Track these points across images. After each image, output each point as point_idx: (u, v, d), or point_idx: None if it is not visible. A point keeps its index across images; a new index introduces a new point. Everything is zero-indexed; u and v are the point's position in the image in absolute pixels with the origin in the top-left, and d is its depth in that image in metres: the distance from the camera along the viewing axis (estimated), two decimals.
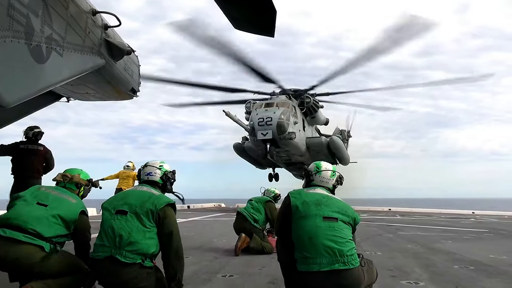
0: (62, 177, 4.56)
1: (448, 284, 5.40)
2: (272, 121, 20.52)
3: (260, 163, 27.58)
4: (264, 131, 20.59)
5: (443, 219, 21.97)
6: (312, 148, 25.01)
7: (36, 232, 3.85)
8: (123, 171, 14.01)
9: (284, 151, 23.05)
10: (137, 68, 8.42)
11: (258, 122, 20.71)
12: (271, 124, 20.52)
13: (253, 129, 20.98)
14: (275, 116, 20.66)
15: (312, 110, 25.25)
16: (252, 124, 21.04)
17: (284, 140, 21.23)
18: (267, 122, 20.52)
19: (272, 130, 20.57)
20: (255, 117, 20.99)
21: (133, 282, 3.70)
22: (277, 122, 20.58)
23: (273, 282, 5.36)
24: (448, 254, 8.31)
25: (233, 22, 5.25)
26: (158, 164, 4.37)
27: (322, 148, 25.43)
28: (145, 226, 3.80)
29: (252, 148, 24.85)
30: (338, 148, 26.01)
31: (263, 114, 20.88)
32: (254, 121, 20.93)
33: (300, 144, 23.32)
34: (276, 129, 20.56)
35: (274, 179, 29.13)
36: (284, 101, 22.28)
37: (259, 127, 20.71)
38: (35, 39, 4.41)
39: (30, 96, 4.64)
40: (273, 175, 29.02)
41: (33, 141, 8.29)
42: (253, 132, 21.03)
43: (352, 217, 3.80)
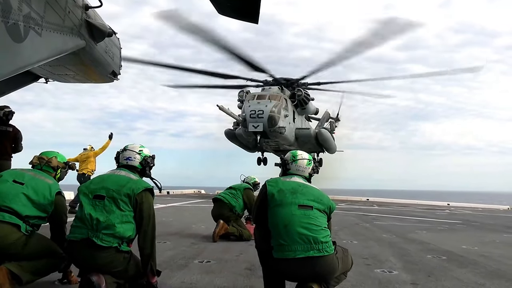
0: (39, 159, 4.48)
1: (421, 273, 5.53)
2: (263, 114, 20.97)
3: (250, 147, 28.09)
4: (255, 124, 21.07)
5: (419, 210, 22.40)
6: (301, 138, 25.63)
7: (12, 210, 3.80)
8: (81, 153, 13.28)
9: (274, 141, 23.49)
10: (118, 51, 8.28)
11: (250, 114, 21.07)
12: (263, 117, 20.96)
13: (245, 121, 21.32)
14: (266, 110, 21.08)
15: (303, 102, 25.70)
16: (244, 116, 21.37)
17: (274, 132, 21.67)
18: (258, 115, 20.96)
19: (263, 123, 21.05)
20: (247, 109, 21.30)
21: (109, 266, 3.69)
22: (268, 115, 21.04)
23: (249, 268, 5.41)
24: (422, 244, 8.50)
25: (217, 7, 5.20)
26: (138, 148, 4.32)
27: (310, 139, 26.13)
28: (122, 210, 3.78)
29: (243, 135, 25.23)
30: (325, 140, 26.75)
31: (255, 106, 21.24)
32: (246, 113, 21.25)
33: (290, 135, 23.90)
34: (267, 122, 21.02)
35: (263, 163, 29.73)
36: (276, 94, 22.62)
37: (250, 119, 21.08)
38: (12, 17, 4.29)
39: (7, 75, 4.53)
40: (261, 159, 29.58)
41: (3, 121, 8.02)
42: (245, 123, 21.39)
43: (328, 205, 3.85)
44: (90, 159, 12.93)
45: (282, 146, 25.31)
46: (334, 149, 29.16)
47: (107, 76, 8.05)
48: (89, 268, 3.67)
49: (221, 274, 5.05)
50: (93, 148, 13.31)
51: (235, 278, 4.91)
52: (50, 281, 4.25)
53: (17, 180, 4.02)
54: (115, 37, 7.98)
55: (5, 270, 3.62)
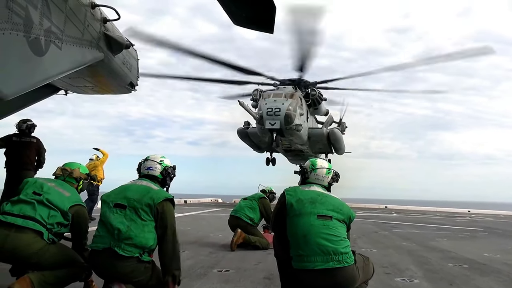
0: (62, 171, 4.56)
1: (442, 282, 5.44)
2: (280, 112, 21.28)
3: (260, 147, 28.25)
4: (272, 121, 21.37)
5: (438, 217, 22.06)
6: (313, 138, 25.77)
7: (35, 216, 3.86)
8: (88, 163, 13.14)
9: (288, 140, 23.65)
10: (135, 62, 8.41)
11: (267, 112, 21.38)
12: (279, 115, 21.27)
13: (262, 118, 21.57)
14: (283, 107, 21.39)
15: (316, 102, 25.84)
16: (261, 113, 21.65)
17: (290, 130, 21.92)
18: (275, 113, 21.30)
19: (280, 121, 21.35)
20: (264, 106, 21.60)
21: (130, 275, 3.72)
22: (285, 113, 21.35)
23: (268, 277, 5.39)
24: (443, 252, 8.36)
25: (232, 18, 5.25)
26: (159, 158, 4.36)
27: (323, 138, 26.21)
28: (143, 220, 3.81)
29: (255, 134, 25.40)
30: (337, 140, 26.78)
31: (272, 104, 21.57)
32: (263, 110, 21.55)
33: (304, 134, 24.06)
34: (283, 119, 21.33)
35: (271, 163, 29.93)
36: (292, 92, 22.91)
37: (267, 116, 21.37)
38: (33, 31, 4.40)
39: (28, 88, 4.64)
40: (270, 159, 29.81)
41: (26, 133, 8.26)
42: (261, 121, 21.64)
43: (348, 215, 3.82)
44: (98, 168, 13.13)
45: (294, 145, 25.37)
46: (343, 150, 29.16)
47: (125, 87, 8.17)
48: (111, 278, 3.71)
49: (240, 283, 5.04)
50: (99, 157, 13.51)
51: (254, 287, 4.89)
52: None
53: (37, 192, 4.09)
54: (133, 49, 8.11)
55: (29, 280, 3.67)
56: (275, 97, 22.04)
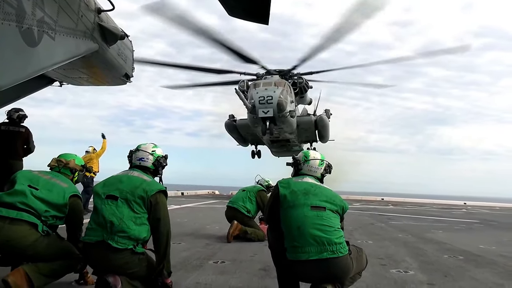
0: (57, 162, 4.53)
1: (437, 273, 5.46)
2: (273, 100, 21.45)
3: (245, 140, 28.37)
4: (265, 109, 21.55)
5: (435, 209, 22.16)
6: (301, 126, 25.92)
7: (30, 208, 3.85)
8: (84, 156, 13.05)
9: (278, 129, 23.77)
10: (130, 53, 8.34)
11: (259, 100, 21.50)
12: (272, 103, 21.44)
13: (254, 107, 21.64)
14: (275, 95, 21.56)
15: (303, 90, 25.99)
16: (253, 102, 21.69)
17: (283, 118, 22.09)
18: (267, 101, 21.45)
19: (273, 108, 21.54)
20: (256, 95, 21.70)
21: (125, 267, 3.71)
22: (277, 100, 21.46)
23: (264, 269, 5.39)
24: (439, 243, 8.39)
25: (227, 9, 5.19)
26: (151, 149, 4.32)
27: (311, 126, 26.39)
28: (136, 212, 3.79)
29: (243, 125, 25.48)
30: (324, 126, 26.95)
31: (264, 92, 21.70)
32: (255, 99, 21.65)
33: (294, 122, 24.26)
34: (276, 107, 21.42)
35: (257, 156, 30.10)
36: (281, 81, 23.12)
37: (260, 105, 21.49)
38: (26, 21, 4.34)
39: (22, 79, 4.59)
40: (255, 152, 29.97)
41: (15, 122, 8.17)
42: (254, 110, 21.70)
43: (340, 205, 3.82)
44: (93, 161, 13.12)
45: (282, 135, 25.44)
46: (328, 138, 29.27)
47: (120, 78, 8.11)
48: (105, 270, 3.69)
49: (236, 275, 5.05)
50: (95, 149, 13.48)
51: (250, 278, 4.90)
52: (66, 282, 4.29)
53: (32, 185, 4.05)
54: (128, 40, 8.04)
55: (23, 271, 3.67)
56: (266, 86, 22.20)
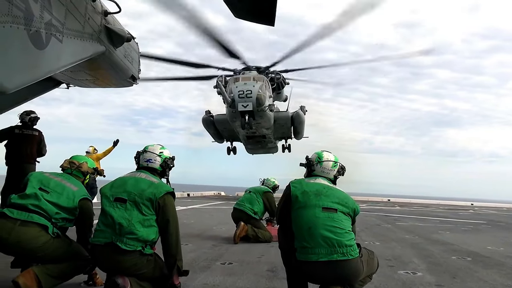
0: (69, 164, 4.55)
1: (445, 275, 5.44)
2: (252, 94, 21.83)
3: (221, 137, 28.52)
4: (245, 103, 21.90)
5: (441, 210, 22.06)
6: (278, 121, 26.10)
7: (41, 210, 3.88)
8: None
9: (256, 124, 23.93)
10: (137, 55, 8.36)
11: (238, 95, 21.83)
12: (251, 97, 21.80)
13: (233, 101, 21.93)
14: (254, 90, 21.96)
15: (280, 86, 26.21)
16: (233, 96, 21.96)
17: (262, 112, 22.39)
18: (247, 95, 21.82)
19: (252, 102, 21.85)
20: (235, 89, 22.05)
21: (133, 269, 3.73)
22: (256, 95, 21.77)
23: (271, 270, 5.39)
24: (446, 245, 8.35)
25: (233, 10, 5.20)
26: (158, 150, 4.33)
27: (287, 121, 26.57)
28: (144, 214, 3.80)
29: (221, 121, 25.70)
30: (301, 122, 27.08)
31: (243, 87, 22.09)
32: (235, 93, 21.98)
33: (271, 117, 24.49)
34: (255, 101, 21.72)
35: (232, 152, 30.34)
36: (260, 76, 23.50)
37: (239, 99, 21.84)
38: (34, 24, 4.36)
39: (29, 82, 4.61)
40: (231, 148, 30.18)
41: (28, 126, 8.18)
42: (233, 104, 21.98)
43: (352, 208, 3.80)
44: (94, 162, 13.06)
45: (259, 130, 25.52)
46: (302, 135, 29.30)
47: (127, 80, 8.13)
48: (114, 271, 3.71)
49: (244, 276, 5.04)
50: (96, 150, 13.39)
51: (257, 280, 4.89)
52: (75, 283, 4.31)
53: (43, 188, 4.09)
54: (134, 42, 8.06)
55: (33, 273, 3.70)
56: (245, 81, 22.52)
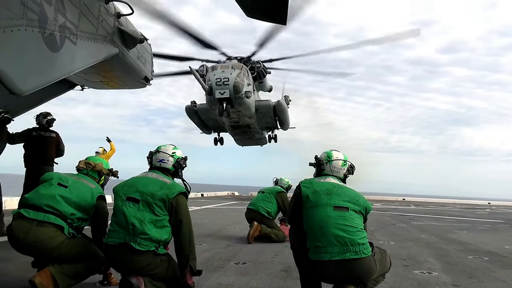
0: (85, 164, 4.61)
1: (462, 274, 5.36)
2: (229, 81, 22.14)
3: (207, 127, 28.75)
4: (222, 90, 22.22)
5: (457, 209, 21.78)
6: (260, 110, 26.23)
7: (57, 211, 3.93)
8: None
9: (236, 112, 24.10)
10: (150, 57, 8.43)
11: (216, 82, 22.21)
12: (229, 84, 22.12)
13: (211, 89, 22.25)
14: (231, 77, 22.29)
15: (261, 75, 26.40)
16: (210, 84, 22.29)
17: (240, 99, 22.60)
18: (224, 82, 22.13)
19: (229, 90, 22.20)
20: (213, 77, 22.37)
21: (147, 268, 3.75)
22: (233, 82, 22.09)
23: (285, 270, 5.38)
24: (462, 244, 8.24)
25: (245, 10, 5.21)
26: (171, 150, 4.34)
27: (269, 110, 26.65)
28: (157, 215, 3.82)
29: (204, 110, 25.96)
30: (282, 111, 27.12)
31: (221, 74, 22.43)
32: (212, 81, 22.31)
33: (251, 105, 24.69)
34: (233, 88, 22.06)
35: (219, 143, 30.55)
36: (238, 64, 23.69)
37: (217, 86, 22.17)
38: (49, 27, 4.43)
39: (44, 84, 4.68)
40: (218, 139, 30.40)
41: (45, 128, 8.32)
42: (211, 91, 22.31)
43: (364, 206, 3.78)
44: None
45: (242, 119, 25.62)
46: (288, 124, 29.27)
47: (140, 81, 8.20)
48: (128, 271, 3.73)
49: (257, 276, 5.04)
50: (106, 151, 13.56)
51: (271, 279, 4.89)
52: (90, 283, 4.34)
53: (62, 183, 4.16)
54: (147, 43, 8.13)
55: (49, 272, 3.74)
56: (223, 69, 22.82)
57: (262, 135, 29.09)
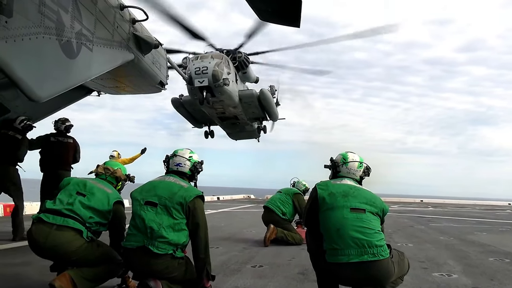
0: (104, 169, 4.67)
1: (483, 277, 5.27)
2: (208, 70, 22.35)
3: (197, 120, 28.74)
4: (201, 79, 22.47)
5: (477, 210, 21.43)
6: (244, 100, 26.16)
7: (76, 214, 3.99)
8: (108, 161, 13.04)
9: (219, 102, 24.16)
10: (164, 61, 8.50)
11: (195, 71, 22.50)
12: (207, 73, 22.35)
13: (191, 78, 22.46)
14: (210, 66, 22.52)
15: (243, 65, 26.36)
16: (190, 73, 22.49)
17: (219, 87, 22.74)
18: (203, 71, 22.40)
19: (208, 78, 22.39)
20: (192, 67, 22.66)
21: (165, 272, 3.78)
22: (212, 70, 22.28)
23: (302, 272, 5.35)
24: (482, 246, 8.10)
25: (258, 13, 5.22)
26: (188, 154, 4.38)
27: (253, 99, 26.51)
28: (175, 218, 3.85)
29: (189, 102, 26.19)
30: (267, 100, 26.94)
31: (199, 64, 22.71)
32: (191, 70, 22.56)
33: (234, 94, 24.70)
34: (211, 77, 22.28)
35: (210, 136, 30.56)
36: (218, 54, 23.85)
37: (196, 75, 22.48)
38: (65, 34, 4.50)
39: (62, 90, 4.76)
40: (208, 132, 30.40)
41: (63, 133, 8.42)
42: (191, 80, 22.53)
43: (381, 207, 3.74)
44: None
45: (227, 109, 25.58)
46: (276, 115, 29.04)
47: (155, 86, 8.28)
48: (146, 275, 3.76)
49: (274, 279, 5.02)
50: (120, 155, 13.52)
51: (288, 282, 4.87)
52: (109, 286, 4.38)
53: (80, 191, 4.21)
54: (161, 48, 8.20)
55: (68, 276, 3.79)
56: (202, 58, 23.05)
57: (252, 128, 29.08)
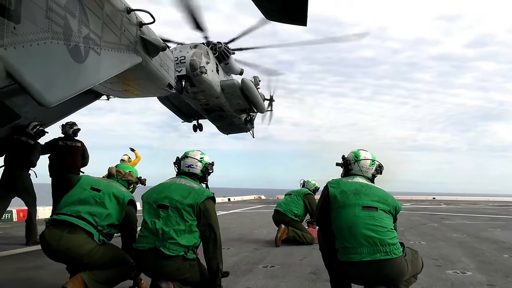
0: (116, 172, 4.69)
1: (498, 274, 5.20)
2: (185, 59, 22.44)
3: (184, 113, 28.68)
4: (179, 69, 22.58)
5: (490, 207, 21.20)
6: (226, 90, 26.01)
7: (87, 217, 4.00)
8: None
9: (201, 92, 24.15)
10: (172, 64, 8.53)
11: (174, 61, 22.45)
12: (185, 62, 22.40)
13: None
14: (188, 55, 22.65)
15: (224, 56, 26.26)
16: None
17: (197, 76, 22.80)
18: (181, 61, 22.48)
19: (185, 67, 22.53)
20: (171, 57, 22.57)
21: (177, 273, 3.78)
22: (190, 60, 22.39)
23: (314, 272, 5.33)
24: (497, 243, 8.01)
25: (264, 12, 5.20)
26: (199, 156, 4.39)
27: (236, 89, 26.33)
28: (186, 220, 3.85)
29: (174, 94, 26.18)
30: (249, 90, 26.71)
31: (177, 54, 22.85)
32: None
33: (214, 84, 24.63)
34: (189, 66, 22.39)
35: (199, 129, 30.52)
36: (197, 44, 23.89)
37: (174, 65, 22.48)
38: (73, 39, 4.53)
39: (71, 95, 4.78)
40: (197, 125, 30.37)
41: (71, 137, 8.48)
42: None
43: (393, 205, 3.70)
44: None
45: (210, 100, 25.51)
46: (262, 106, 28.81)
47: (164, 89, 8.29)
48: (158, 276, 3.77)
49: (286, 279, 5.01)
50: (130, 158, 13.75)
51: (300, 282, 4.85)
52: None
53: (94, 187, 4.24)
54: (169, 51, 8.22)
55: (81, 279, 3.81)
56: (181, 49, 23.18)
57: (240, 120, 28.91)
